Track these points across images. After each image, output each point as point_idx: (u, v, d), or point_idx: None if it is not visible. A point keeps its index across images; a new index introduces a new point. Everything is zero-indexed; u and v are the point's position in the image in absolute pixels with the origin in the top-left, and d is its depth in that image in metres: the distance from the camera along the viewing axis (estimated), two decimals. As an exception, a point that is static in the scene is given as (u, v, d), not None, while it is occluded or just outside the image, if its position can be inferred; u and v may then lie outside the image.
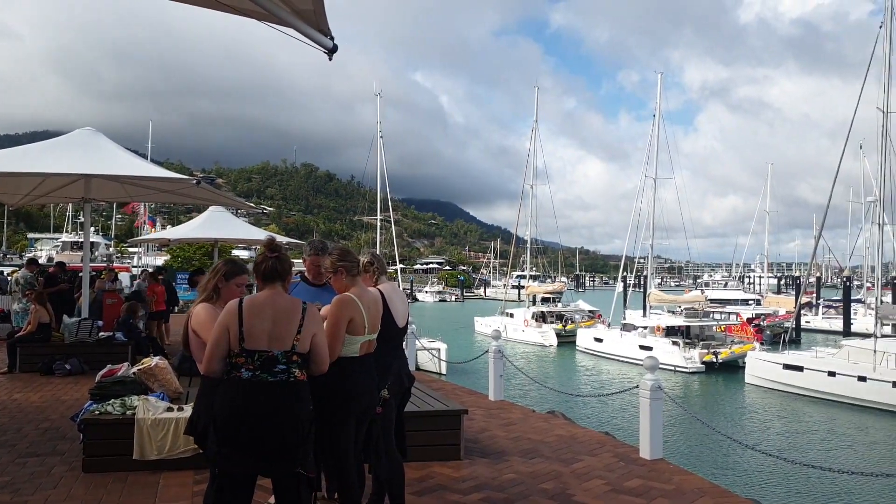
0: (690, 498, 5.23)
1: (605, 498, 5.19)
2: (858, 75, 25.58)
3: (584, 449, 6.74)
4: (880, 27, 24.63)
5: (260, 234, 18.52)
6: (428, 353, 21.44)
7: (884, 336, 24.34)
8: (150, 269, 18.89)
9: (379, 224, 36.20)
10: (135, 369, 6.46)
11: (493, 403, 9.18)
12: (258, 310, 3.28)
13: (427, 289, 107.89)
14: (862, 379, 21.58)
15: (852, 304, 43.93)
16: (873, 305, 26.82)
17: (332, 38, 3.57)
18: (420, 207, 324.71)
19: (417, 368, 16.96)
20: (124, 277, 26.39)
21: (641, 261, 45.90)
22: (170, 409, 5.54)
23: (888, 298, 41.96)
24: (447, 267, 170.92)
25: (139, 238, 34.47)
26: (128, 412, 5.41)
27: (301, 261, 4.94)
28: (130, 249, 71.29)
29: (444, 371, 22.94)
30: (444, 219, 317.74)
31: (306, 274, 4.76)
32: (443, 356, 23.08)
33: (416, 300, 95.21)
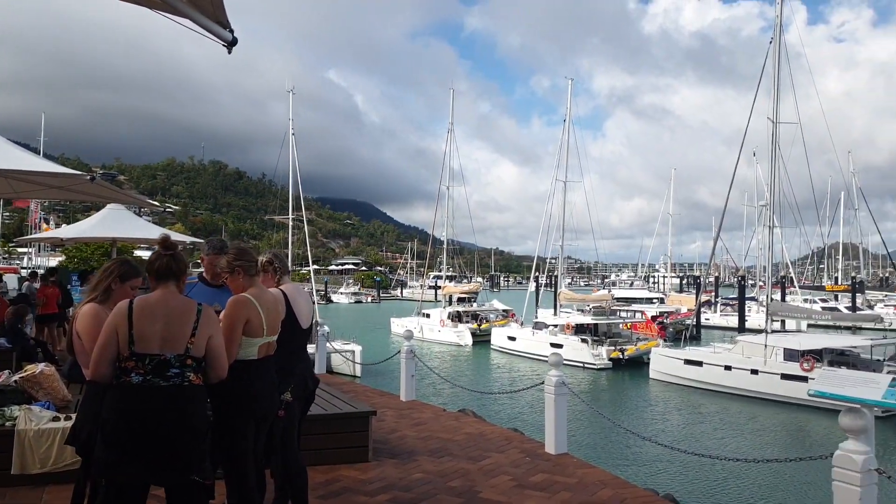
0: (592, 490, 5.41)
1: (510, 493, 5.28)
2: (751, 87, 27.26)
3: (492, 446, 6.84)
4: (770, 43, 26.40)
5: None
6: (341, 356, 21.12)
7: (773, 331, 26.08)
8: (40, 271, 17.72)
9: (291, 224, 35.21)
10: (17, 377, 6.01)
11: (404, 404, 9.18)
12: (149, 311, 3.12)
13: (342, 290, 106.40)
14: (754, 372, 23.03)
15: (747, 302, 46.86)
16: (765, 303, 28.67)
17: (231, 31, 3.43)
18: (336, 207, 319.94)
19: (330, 371, 16.70)
20: (11, 279, 24.58)
21: (553, 261, 47.21)
22: (56, 419, 5.19)
23: (778, 296, 45.06)
24: (363, 268, 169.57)
25: (27, 237, 32.03)
26: (7, 423, 5.03)
27: (200, 260, 4.75)
28: (19, 249, 66.47)
29: (358, 373, 22.69)
30: (360, 219, 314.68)
31: (204, 274, 4.59)
32: (357, 358, 22.80)
33: (331, 301, 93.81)
